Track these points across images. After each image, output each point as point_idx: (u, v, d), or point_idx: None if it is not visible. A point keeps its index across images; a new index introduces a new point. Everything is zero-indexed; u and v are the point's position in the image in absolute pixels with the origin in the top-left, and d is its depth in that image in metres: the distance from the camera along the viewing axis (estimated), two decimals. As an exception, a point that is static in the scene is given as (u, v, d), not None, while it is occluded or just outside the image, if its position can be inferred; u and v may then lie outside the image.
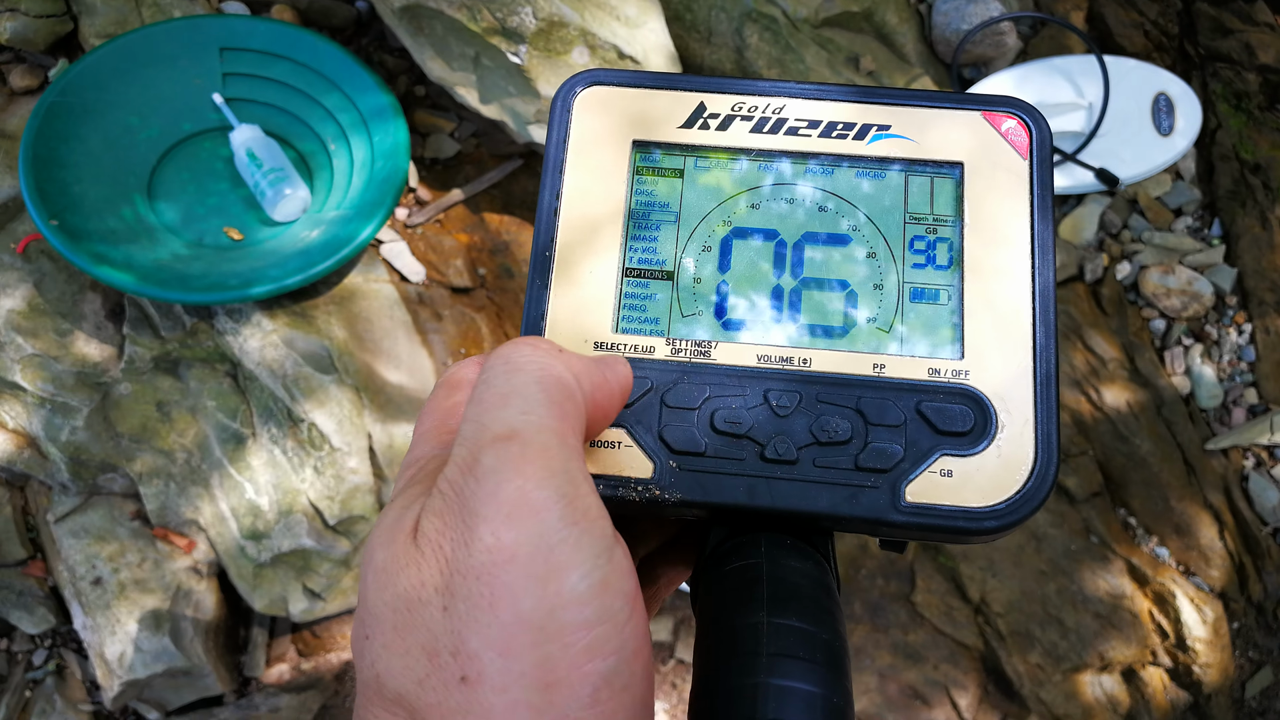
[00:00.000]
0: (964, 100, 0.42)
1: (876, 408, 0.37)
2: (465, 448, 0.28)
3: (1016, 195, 0.40)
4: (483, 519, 0.26)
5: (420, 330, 1.49)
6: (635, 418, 0.37)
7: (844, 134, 0.41)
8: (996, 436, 0.37)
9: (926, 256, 0.40)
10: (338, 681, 1.38)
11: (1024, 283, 0.39)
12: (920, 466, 0.36)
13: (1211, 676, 1.45)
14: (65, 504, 1.32)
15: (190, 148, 1.46)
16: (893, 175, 0.41)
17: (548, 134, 0.42)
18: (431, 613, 0.26)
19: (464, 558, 0.26)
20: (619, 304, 0.39)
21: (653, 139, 0.41)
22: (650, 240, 0.40)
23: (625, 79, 0.42)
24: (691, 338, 0.39)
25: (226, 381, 1.34)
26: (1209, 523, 1.53)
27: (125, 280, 1.26)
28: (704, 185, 0.41)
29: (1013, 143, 0.41)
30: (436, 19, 1.43)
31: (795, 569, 0.35)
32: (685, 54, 1.60)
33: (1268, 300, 1.63)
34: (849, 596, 1.48)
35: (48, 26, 1.48)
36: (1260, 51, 1.76)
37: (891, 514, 0.36)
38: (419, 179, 1.63)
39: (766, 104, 0.42)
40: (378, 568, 0.27)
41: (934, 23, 1.68)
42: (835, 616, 0.34)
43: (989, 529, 0.36)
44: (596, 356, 0.33)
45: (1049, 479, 0.36)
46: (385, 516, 0.29)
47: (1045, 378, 0.37)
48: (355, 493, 1.32)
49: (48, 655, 1.35)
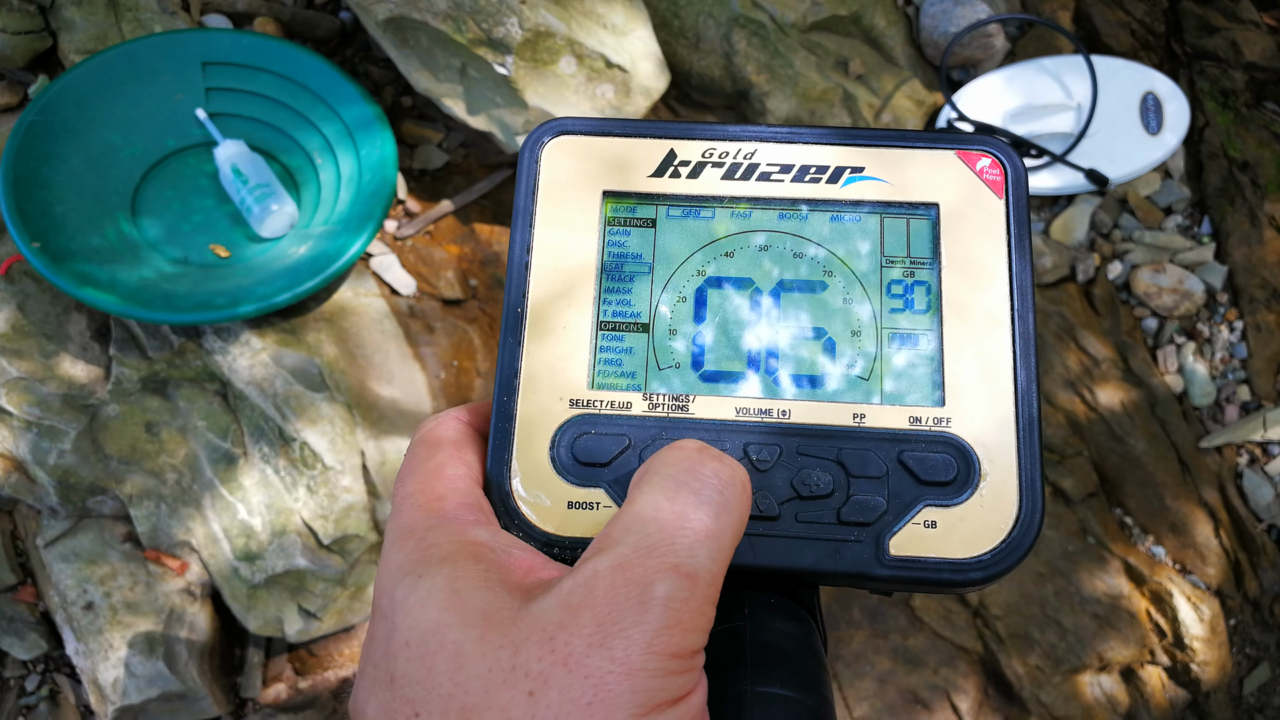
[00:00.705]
0: (938, 139, 0.41)
1: (858, 459, 0.36)
2: (640, 561, 0.29)
3: (994, 234, 0.39)
4: (624, 639, 0.27)
5: (412, 343, 1.47)
6: (614, 476, 0.37)
7: (817, 178, 0.40)
8: (980, 485, 0.36)
9: (904, 300, 0.39)
10: (335, 700, 1.37)
11: (1004, 325, 0.38)
12: (904, 519, 0.36)
13: (1209, 674, 1.46)
14: (55, 528, 1.30)
15: (174, 164, 1.44)
16: (868, 218, 0.40)
17: (516, 185, 0.41)
18: (515, 696, 0.27)
19: (583, 659, 0.27)
20: (594, 359, 0.39)
21: (623, 189, 0.41)
22: (624, 292, 0.40)
23: (593, 127, 0.41)
24: (669, 391, 0.38)
25: (216, 401, 1.33)
26: (1204, 521, 1.53)
27: (110, 302, 1.25)
28: (677, 235, 0.40)
29: (988, 181, 0.40)
30: (422, 30, 1.41)
31: (779, 631, 0.34)
32: (673, 61, 1.59)
33: (1258, 297, 1.63)
34: (847, 602, 1.48)
35: (26, 43, 1.46)
36: (1246, 49, 1.77)
37: (876, 568, 0.35)
38: (408, 191, 1.61)
39: (738, 149, 0.41)
40: (450, 645, 0.28)
41: (922, 25, 1.68)
42: (822, 680, 0.33)
43: (975, 580, 0.35)
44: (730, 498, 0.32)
45: (1034, 527, 0.35)
46: (429, 591, 0.30)
47: (1028, 422, 0.37)
48: (349, 511, 1.30)
49: (40, 681, 1.33)
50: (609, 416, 0.38)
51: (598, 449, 0.37)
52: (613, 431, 0.37)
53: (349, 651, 1.39)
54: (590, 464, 0.37)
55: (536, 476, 0.37)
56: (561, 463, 0.37)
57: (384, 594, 0.31)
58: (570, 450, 0.37)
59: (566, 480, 0.37)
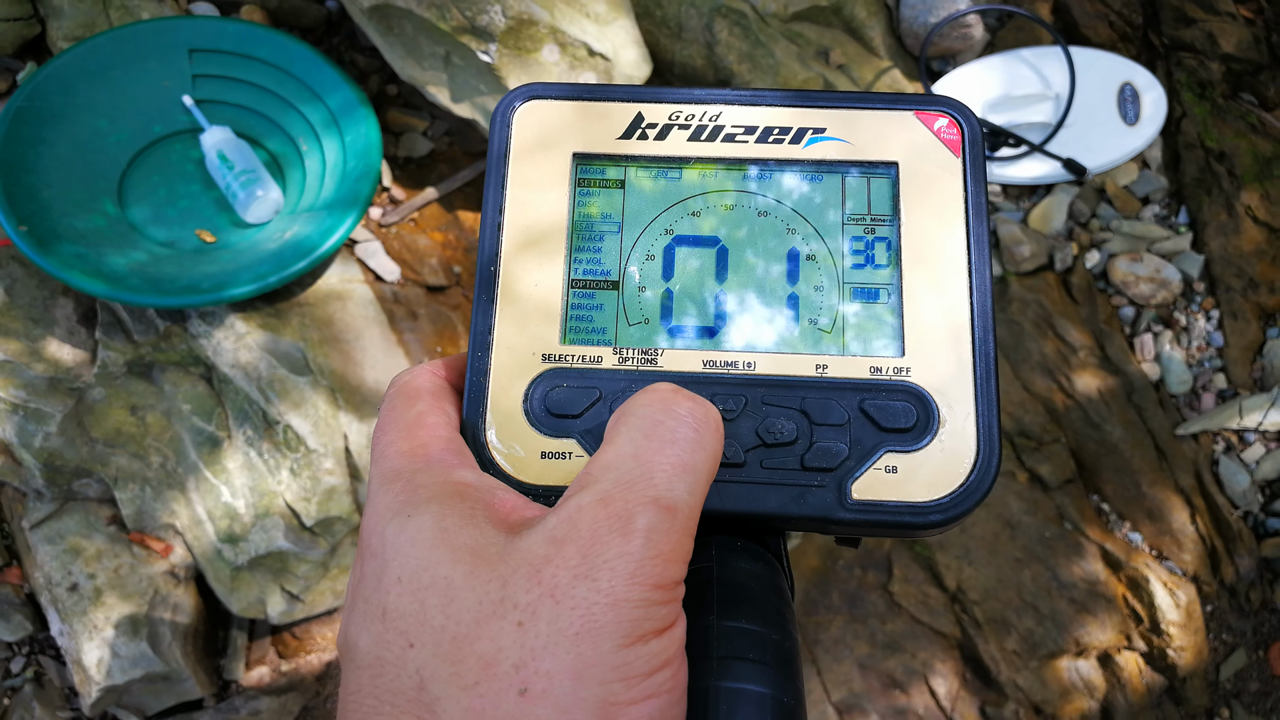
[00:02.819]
0: (896, 100, 0.42)
1: (820, 407, 0.38)
2: (621, 494, 0.29)
3: (951, 192, 0.41)
4: (608, 569, 0.28)
5: (396, 329, 1.49)
6: (585, 427, 0.38)
7: (780, 139, 0.42)
8: (939, 431, 0.37)
9: (865, 256, 0.40)
10: (318, 683, 1.38)
11: (961, 278, 0.39)
12: (865, 464, 0.37)
13: (1186, 659, 1.47)
14: (40, 510, 1.31)
15: (161, 150, 1.45)
16: (829, 177, 0.42)
17: (489, 149, 0.42)
18: (504, 627, 0.28)
19: (569, 590, 0.28)
20: (566, 315, 0.40)
21: (592, 151, 0.42)
22: (595, 251, 0.41)
23: (563, 91, 0.43)
24: (638, 346, 0.39)
25: (201, 385, 1.34)
26: (1181, 507, 1.55)
27: (96, 286, 1.26)
28: (645, 195, 0.42)
29: (945, 140, 0.41)
30: (406, 18, 1.43)
31: (745, 571, 0.35)
32: (655, 50, 1.60)
33: (1235, 286, 1.65)
34: (826, 587, 1.49)
35: (14, 30, 1.47)
36: (1222, 40, 1.79)
37: (838, 512, 0.36)
38: (392, 178, 1.63)
39: (703, 112, 0.42)
40: (440, 580, 0.29)
41: (902, 16, 1.70)
42: (785, 617, 0.34)
43: (935, 523, 0.36)
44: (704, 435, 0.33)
45: (992, 470, 0.37)
46: (418, 529, 0.31)
47: (985, 371, 0.38)
48: (332, 494, 1.32)
49: (25, 662, 1.34)
50: (580, 370, 0.39)
51: (569, 401, 0.38)
52: (584, 384, 0.38)
53: (332, 634, 1.40)
54: (562, 415, 0.38)
55: (510, 428, 0.38)
56: (535, 415, 0.38)
57: (373, 534, 0.32)
58: (543, 403, 0.38)
59: (540, 431, 0.38)
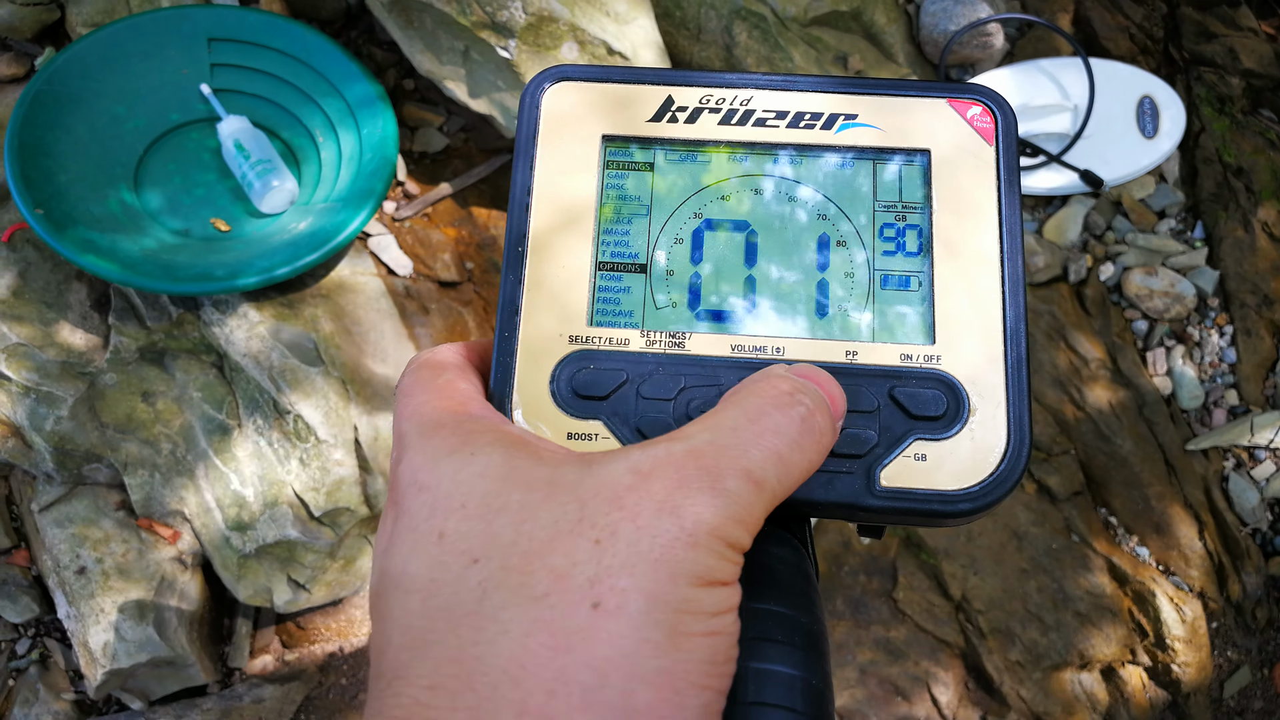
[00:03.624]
0: (930, 88, 0.42)
1: (851, 394, 0.37)
2: (716, 455, 0.29)
3: (984, 180, 0.40)
4: (692, 515, 0.28)
5: (407, 323, 1.49)
6: (612, 409, 0.38)
7: (811, 124, 0.41)
8: (969, 420, 0.37)
9: (896, 244, 0.40)
10: (321, 673, 1.38)
11: (993, 267, 0.39)
12: (894, 451, 0.37)
13: (1190, 675, 1.47)
14: (50, 493, 1.31)
15: (177, 138, 1.46)
16: (861, 164, 0.41)
17: (518, 129, 0.42)
18: (580, 544, 0.27)
19: (653, 519, 0.27)
20: (593, 297, 0.40)
21: (622, 133, 0.42)
22: (623, 234, 0.41)
23: (593, 74, 0.42)
24: (666, 329, 0.39)
25: (212, 372, 1.34)
26: (1189, 523, 1.54)
27: (111, 270, 1.26)
28: (674, 178, 0.41)
29: (979, 129, 0.41)
30: (426, 12, 1.43)
31: (773, 555, 0.35)
32: (674, 51, 1.60)
33: (1249, 303, 1.65)
34: (831, 593, 1.49)
35: (34, 15, 1.47)
36: (1244, 56, 1.78)
37: (867, 498, 0.36)
38: (407, 173, 1.63)
39: (734, 96, 0.42)
40: (514, 504, 0.28)
41: (922, 23, 1.69)
42: (813, 601, 0.34)
43: (963, 511, 0.36)
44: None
45: (1022, 461, 0.37)
46: (486, 464, 0.30)
47: (1016, 361, 0.38)
48: (340, 484, 1.32)
49: (31, 644, 1.35)
50: (607, 352, 0.39)
51: (596, 382, 0.38)
52: (611, 366, 0.38)
53: (335, 625, 1.41)
54: (589, 397, 0.38)
55: (537, 409, 0.38)
56: (561, 396, 0.38)
57: (422, 470, 0.30)
58: (570, 384, 0.38)
59: (566, 412, 0.38)
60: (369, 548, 1.37)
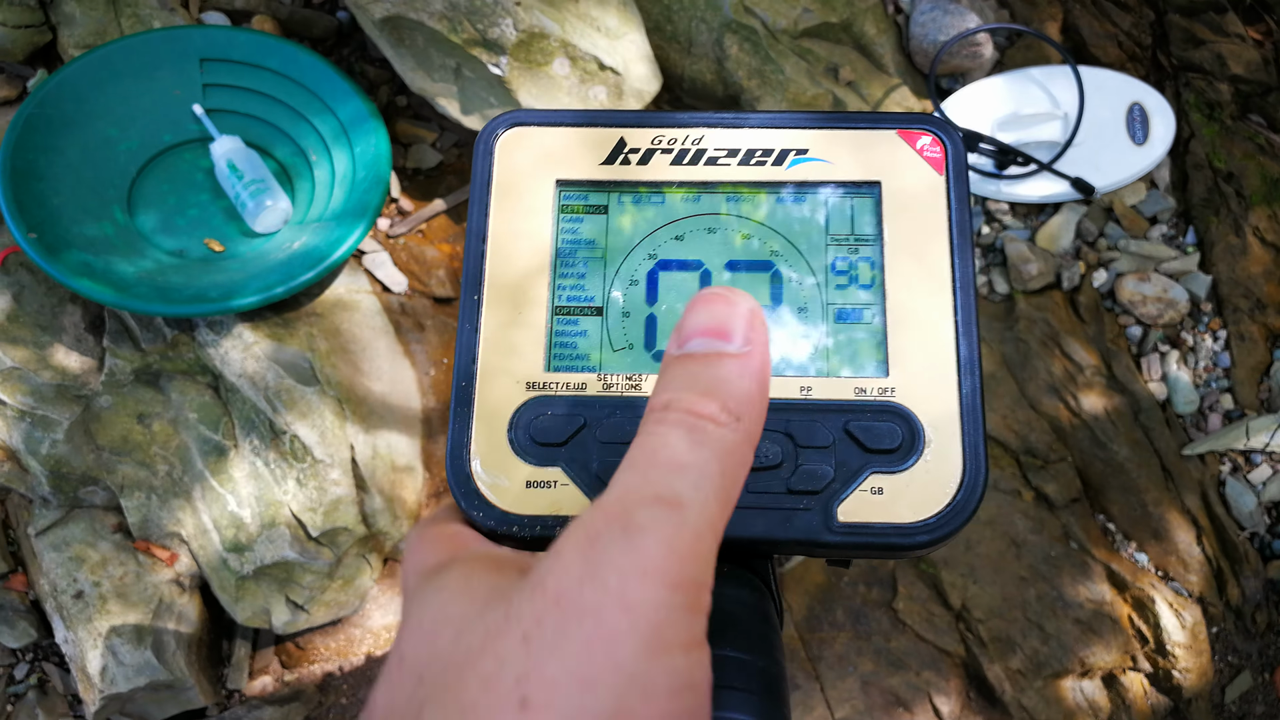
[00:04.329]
0: (880, 119, 0.42)
1: (805, 430, 0.37)
2: (618, 499, 0.27)
3: (935, 211, 0.41)
4: (616, 569, 0.25)
5: (403, 340, 1.49)
6: (570, 455, 0.38)
7: (763, 160, 0.42)
8: (924, 451, 0.37)
9: (849, 277, 0.40)
10: (321, 693, 1.38)
11: (946, 296, 0.39)
12: (851, 486, 0.37)
13: (1191, 681, 1.47)
14: (46, 517, 1.31)
15: (170, 159, 1.46)
16: (813, 198, 0.42)
17: (472, 176, 0.42)
18: (508, 643, 0.25)
19: (576, 596, 0.25)
20: (550, 343, 0.40)
21: (575, 177, 0.42)
22: (579, 277, 0.41)
23: (546, 118, 0.43)
24: (623, 371, 0.39)
25: (208, 393, 1.34)
26: (1187, 528, 1.55)
27: (105, 294, 1.26)
28: (628, 220, 0.42)
29: (929, 159, 0.41)
30: (417, 30, 1.43)
31: (731, 597, 0.35)
32: (665, 65, 1.61)
33: (1242, 306, 1.65)
34: (830, 604, 1.49)
35: (26, 37, 1.47)
36: (1232, 62, 1.79)
37: (825, 534, 0.36)
38: (401, 189, 1.63)
39: (686, 135, 0.42)
40: (455, 618, 0.28)
41: (911, 34, 1.70)
42: (772, 643, 0.34)
43: (921, 543, 0.36)
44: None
45: (978, 490, 0.37)
46: (443, 581, 0.30)
47: (970, 390, 0.38)
48: (338, 504, 1.32)
49: (29, 669, 1.34)
50: (564, 398, 0.39)
51: (554, 429, 0.38)
52: (568, 412, 0.38)
53: (335, 645, 1.40)
54: (547, 444, 0.38)
55: (496, 458, 0.38)
56: (519, 444, 0.38)
57: (405, 602, 0.31)
58: (528, 431, 0.38)
59: (525, 460, 0.38)
60: (367, 567, 1.36)
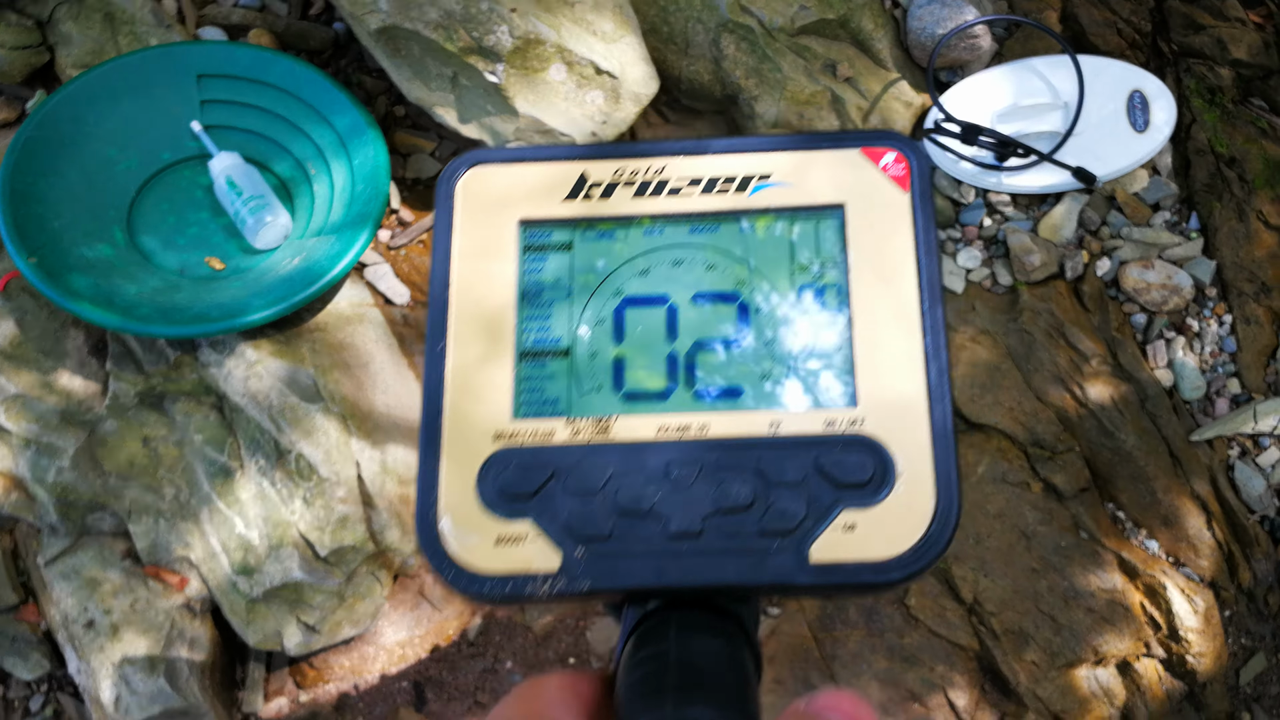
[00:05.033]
0: (842, 139, 0.41)
1: (775, 466, 0.36)
2: None
3: (900, 230, 0.40)
4: None
5: (406, 353, 1.48)
6: (540, 507, 0.37)
7: (725, 188, 0.41)
8: (895, 484, 0.36)
9: (815, 305, 0.40)
10: (337, 712, 1.38)
11: (913, 319, 0.38)
12: (823, 524, 0.36)
13: (1205, 665, 1.47)
14: (55, 546, 1.30)
15: (169, 177, 1.45)
16: (777, 224, 0.41)
17: (434, 220, 0.41)
18: None
19: None
20: (517, 389, 0.39)
21: (538, 216, 0.41)
22: (544, 319, 0.40)
23: (507, 156, 0.42)
24: (591, 415, 0.38)
25: (213, 414, 1.33)
26: (1197, 513, 1.55)
27: (107, 317, 1.25)
28: (593, 257, 0.41)
29: (893, 177, 0.40)
30: (413, 40, 1.42)
31: (704, 651, 0.34)
32: (662, 66, 1.60)
33: (1246, 291, 1.65)
34: (842, 603, 1.49)
35: (23, 58, 1.46)
36: (1232, 46, 1.78)
37: (798, 576, 0.35)
38: (401, 200, 1.62)
39: (647, 166, 0.41)
40: None
41: (909, 28, 1.69)
42: (746, 695, 0.33)
43: (895, 579, 0.35)
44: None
45: (951, 521, 0.36)
46: None
47: (941, 417, 0.37)
48: (345, 522, 1.31)
49: (44, 701, 1.34)
50: (532, 449, 0.38)
51: (521, 480, 0.37)
52: (537, 462, 0.37)
53: (349, 663, 1.40)
54: (516, 497, 0.37)
55: (465, 514, 0.37)
56: (488, 498, 0.37)
57: None
58: (495, 484, 0.37)
59: (494, 514, 0.37)
60: (377, 585, 1.36)
